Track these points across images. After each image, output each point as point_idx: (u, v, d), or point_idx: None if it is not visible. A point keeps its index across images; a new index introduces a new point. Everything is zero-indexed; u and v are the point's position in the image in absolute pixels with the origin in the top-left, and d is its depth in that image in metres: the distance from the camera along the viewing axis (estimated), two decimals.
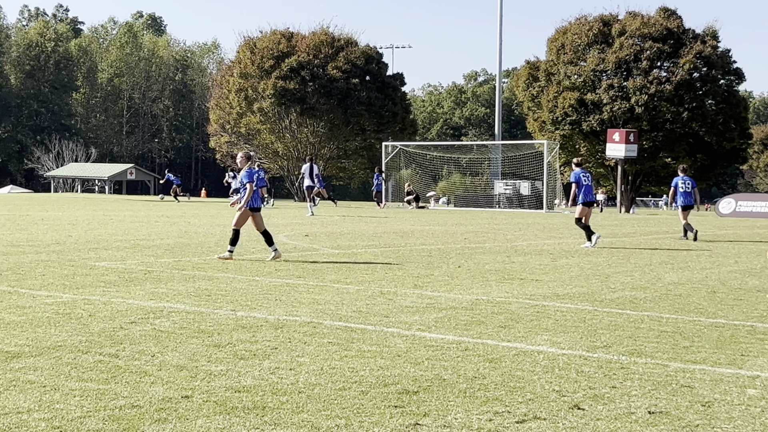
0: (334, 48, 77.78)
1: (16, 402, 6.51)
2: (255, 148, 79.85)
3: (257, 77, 76.88)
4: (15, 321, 9.79)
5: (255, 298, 12.04)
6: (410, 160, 63.46)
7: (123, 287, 12.82)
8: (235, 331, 9.53)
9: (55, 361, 7.83)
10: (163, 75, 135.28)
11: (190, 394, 6.85)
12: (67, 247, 19.06)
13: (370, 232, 26.67)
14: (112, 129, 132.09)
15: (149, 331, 9.36)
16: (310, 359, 8.17)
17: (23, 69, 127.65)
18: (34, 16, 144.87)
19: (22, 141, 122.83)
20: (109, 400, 6.62)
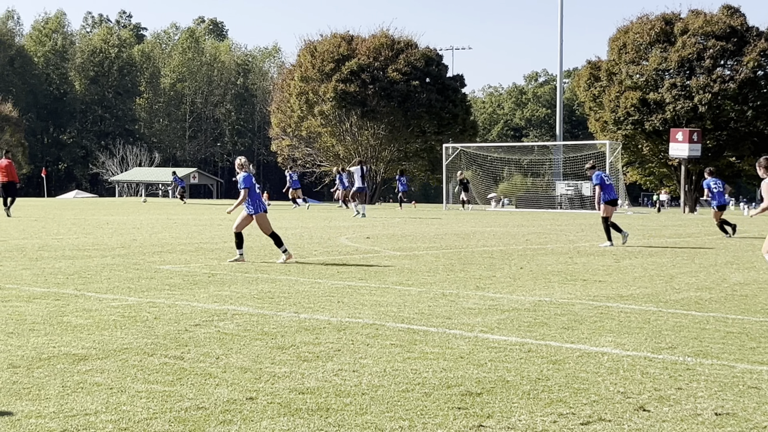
0: (394, 50, 77.82)
1: (84, 404, 6.59)
2: (316, 151, 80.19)
3: (318, 80, 77.16)
4: (82, 324, 9.92)
5: (318, 300, 12.08)
6: (471, 161, 63.34)
7: (187, 290, 12.93)
8: (298, 333, 9.57)
9: (122, 364, 7.92)
10: (224, 79, 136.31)
11: (255, 395, 6.89)
12: (132, 251, 19.27)
13: (432, 234, 26.65)
14: (175, 133, 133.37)
15: (214, 334, 9.43)
16: (372, 361, 8.18)
17: (87, 75, 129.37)
18: (98, 22, 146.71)
19: (87, 146, 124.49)
20: (175, 401, 6.69)
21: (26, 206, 43.67)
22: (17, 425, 6.05)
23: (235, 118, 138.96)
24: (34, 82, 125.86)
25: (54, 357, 8.14)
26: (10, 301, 11.50)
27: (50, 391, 6.92)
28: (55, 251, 18.82)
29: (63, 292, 12.51)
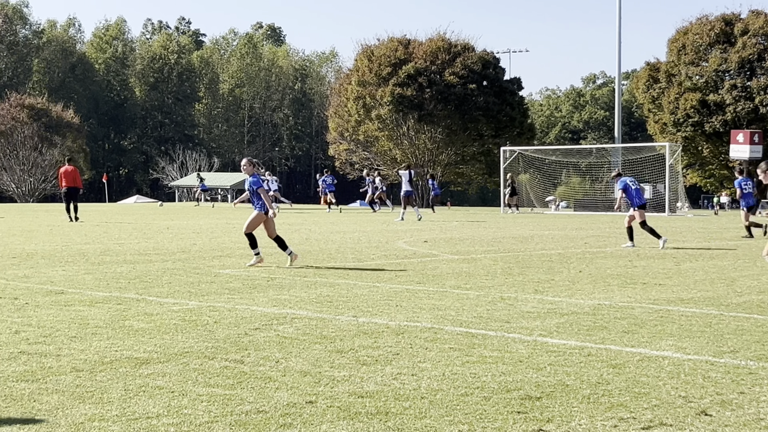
0: (451, 54, 77.75)
1: (146, 407, 6.67)
2: (373, 155, 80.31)
3: (375, 85, 77.30)
4: (143, 328, 10.03)
5: (376, 304, 12.10)
6: (529, 164, 63.08)
7: (247, 294, 13.02)
8: (357, 337, 9.59)
9: (183, 367, 7.99)
10: (282, 84, 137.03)
11: (314, 399, 6.93)
12: (192, 255, 19.44)
13: (489, 238, 26.58)
14: (234, 138, 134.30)
15: (273, 337, 9.49)
16: (431, 365, 8.18)
17: (147, 81, 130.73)
18: (158, 29, 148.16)
19: (147, 152, 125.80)
20: (236, 405, 6.74)
21: (88, 211, 44.21)
22: (81, 428, 6.13)
23: (292, 122, 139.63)
24: (95, 88, 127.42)
25: (116, 361, 8.24)
26: (73, 306, 11.65)
27: (113, 395, 7.00)
28: (117, 256, 19.04)
29: (125, 296, 12.65)
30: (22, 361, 8.16)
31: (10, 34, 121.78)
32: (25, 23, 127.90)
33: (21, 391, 7.10)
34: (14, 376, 7.56)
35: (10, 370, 7.81)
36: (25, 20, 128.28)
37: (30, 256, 18.87)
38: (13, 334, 9.52)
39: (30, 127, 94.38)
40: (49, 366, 7.98)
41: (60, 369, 7.87)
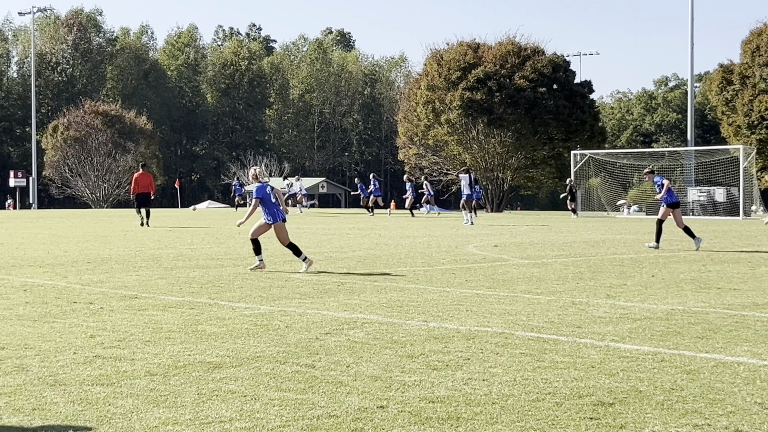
0: (520, 57, 77.44)
1: (219, 411, 6.73)
2: (443, 159, 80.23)
3: (444, 89, 77.24)
4: (216, 332, 10.11)
5: (446, 308, 12.09)
6: (600, 168, 62.58)
7: (317, 299, 13.07)
8: (427, 341, 9.59)
9: (255, 372, 8.05)
10: (352, 90, 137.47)
11: (386, 404, 6.93)
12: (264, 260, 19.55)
13: (560, 242, 26.41)
14: (304, 144, 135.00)
15: (344, 342, 9.52)
16: (502, 370, 8.15)
17: (219, 87, 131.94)
18: (229, 36, 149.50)
19: (219, 157, 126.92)
20: (307, 409, 6.77)
21: (161, 217, 44.73)
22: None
23: (362, 127, 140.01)
24: (168, 95, 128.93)
25: (189, 365, 8.32)
26: (147, 310, 11.80)
27: (186, 399, 7.07)
28: (190, 261, 19.24)
29: (197, 301, 12.78)
30: (97, 365, 8.28)
31: (84, 42, 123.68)
32: (99, 31, 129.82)
33: (96, 394, 7.20)
34: (90, 380, 7.67)
35: (86, 373, 7.93)
36: (99, 28, 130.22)
37: (104, 261, 19.14)
38: (88, 339, 9.66)
39: (104, 134, 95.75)
40: (123, 370, 8.09)
41: (134, 373, 7.97)
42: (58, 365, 8.26)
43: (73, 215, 42.96)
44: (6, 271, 16.89)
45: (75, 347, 9.15)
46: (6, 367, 8.18)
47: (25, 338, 9.66)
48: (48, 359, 8.53)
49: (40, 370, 8.07)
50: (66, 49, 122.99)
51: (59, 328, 10.31)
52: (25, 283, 14.93)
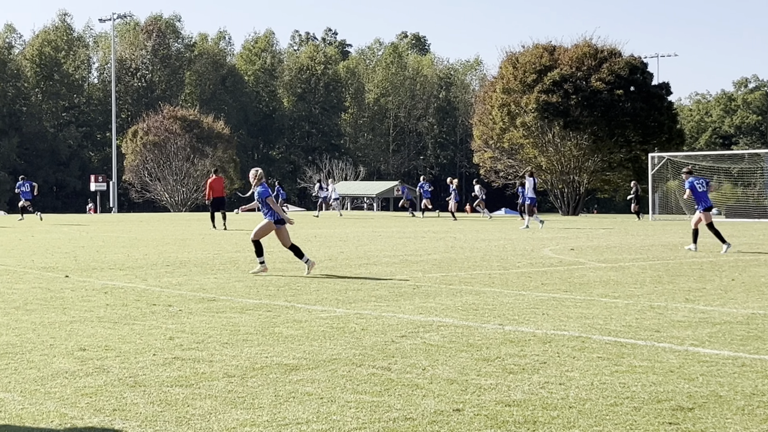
0: (597, 60, 76.77)
1: (296, 413, 6.77)
2: (518, 162, 79.85)
3: (520, 92, 76.88)
4: (292, 335, 10.18)
5: (522, 312, 12.04)
6: (678, 171, 61.74)
7: (393, 302, 13.10)
8: (503, 345, 9.56)
9: (331, 374, 8.09)
10: (427, 93, 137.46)
11: (462, 407, 6.93)
12: (339, 263, 19.65)
13: (638, 245, 26.14)
14: (379, 147, 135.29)
15: (419, 345, 9.52)
16: (579, 374, 8.10)
17: (295, 92, 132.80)
18: (305, 40, 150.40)
19: (295, 161, 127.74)
20: (383, 412, 6.79)
21: (238, 220, 45.12)
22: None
23: (437, 131, 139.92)
24: (245, 99, 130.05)
25: (267, 367, 8.39)
26: (225, 313, 11.92)
27: (264, 400, 7.13)
28: (267, 264, 19.37)
29: (274, 303, 12.88)
30: (176, 367, 8.38)
31: (163, 48, 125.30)
32: (177, 37, 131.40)
33: (176, 395, 7.29)
34: (169, 381, 7.78)
35: (165, 375, 8.04)
36: (178, 34, 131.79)
37: (183, 264, 19.36)
38: (167, 341, 9.79)
39: (182, 138, 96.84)
40: (202, 371, 8.18)
41: (212, 374, 8.06)
42: (138, 367, 8.39)
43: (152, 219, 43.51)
44: (87, 273, 17.18)
45: (154, 349, 9.28)
46: (87, 368, 8.32)
47: (105, 340, 9.82)
48: (128, 361, 8.67)
49: (120, 371, 8.19)
50: (145, 55, 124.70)
51: (139, 330, 10.46)
52: (106, 285, 15.17)
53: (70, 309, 12.19)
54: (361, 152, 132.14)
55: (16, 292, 14.12)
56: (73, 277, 16.37)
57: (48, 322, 11.01)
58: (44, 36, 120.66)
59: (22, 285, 15.11)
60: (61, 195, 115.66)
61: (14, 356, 8.87)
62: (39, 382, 7.77)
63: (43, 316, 11.56)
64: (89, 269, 18.02)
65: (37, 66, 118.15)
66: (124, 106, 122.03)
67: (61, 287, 14.77)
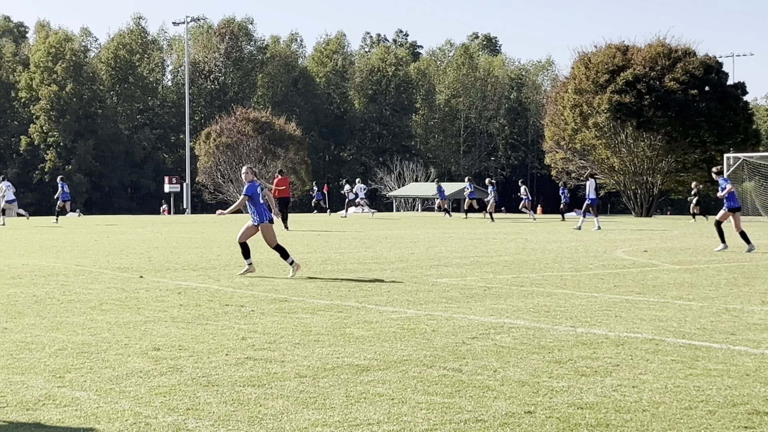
0: (671, 59, 75.89)
1: (367, 413, 6.79)
2: (590, 163, 79.26)
3: (592, 92, 76.25)
4: (363, 335, 10.21)
5: (594, 314, 11.95)
6: (754, 171, 60.89)
7: (464, 303, 13.07)
8: (575, 347, 9.49)
9: (402, 375, 8.10)
10: (498, 94, 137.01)
11: (533, 409, 6.89)
12: (410, 264, 19.65)
13: (713, 247, 25.79)
14: (450, 148, 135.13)
15: (490, 347, 9.49)
16: (653, 377, 8.01)
17: (366, 93, 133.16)
18: (376, 42, 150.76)
19: (366, 162, 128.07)
20: (454, 413, 6.78)
21: (308, 221, 45.34)
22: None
23: (508, 132, 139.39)
24: (316, 101, 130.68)
25: (338, 367, 8.42)
26: (296, 313, 11.98)
27: (335, 401, 7.16)
28: (337, 264, 19.46)
29: (345, 304, 12.92)
30: (249, 367, 8.45)
31: (236, 51, 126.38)
32: (250, 40, 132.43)
33: (248, 395, 7.35)
34: (241, 381, 7.84)
35: (238, 375, 8.10)
36: (250, 37, 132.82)
37: (255, 264, 19.50)
38: (240, 341, 9.86)
39: (255, 140, 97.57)
40: (274, 372, 8.23)
41: (284, 375, 8.11)
42: (210, 366, 8.47)
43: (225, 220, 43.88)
44: (161, 274, 17.38)
45: (227, 349, 9.36)
46: (161, 367, 8.42)
47: (179, 340, 9.92)
48: (201, 360, 8.75)
49: (193, 370, 8.28)
50: (218, 58, 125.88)
51: (212, 330, 10.56)
52: (179, 286, 15.33)
53: (144, 309, 12.35)
54: (431, 153, 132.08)
55: (92, 292, 14.33)
56: (148, 278, 16.58)
57: (123, 322, 11.16)
58: (119, 39, 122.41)
59: (97, 285, 15.33)
60: (135, 196, 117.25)
61: (90, 355, 9.00)
62: (114, 381, 7.88)
63: (118, 316, 11.72)
64: (163, 270, 18.23)
65: (112, 69, 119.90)
66: (198, 108, 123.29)
67: (136, 288, 14.97)
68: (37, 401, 7.15)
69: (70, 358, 8.84)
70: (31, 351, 9.23)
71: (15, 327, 10.76)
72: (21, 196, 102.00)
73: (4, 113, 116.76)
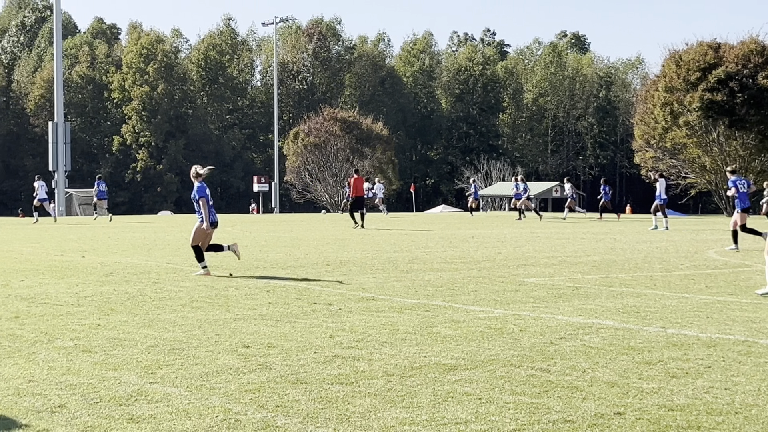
0: (764, 57, 74.48)
1: (454, 413, 6.79)
2: (681, 162, 78.19)
3: (683, 90, 75.19)
4: (451, 335, 10.20)
5: (685, 315, 11.79)
6: None
7: (552, 303, 12.99)
8: (665, 348, 9.38)
9: (489, 374, 8.08)
10: (587, 93, 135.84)
11: (623, 411, 6.83)
12: (497, 264, 19.59)
13: None
14: (537, 148, 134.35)
15: (579, 347, 9.43)
16: (746, 379, 7.88)
17: (453, 93, 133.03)
18: (463, 41, 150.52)
19: (453, 162, 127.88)
20: (543, 414, 6.74)
21: (395, 221, 45.42)
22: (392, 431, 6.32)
23: (597, 131, 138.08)
24: (403, 101, 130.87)
25: (425, 366, 8.43)
26: (384, 312, 12.02)
27: (422, 400, 7.17)
28: (424, 264, 19.47)
29: (432, 303, 12.93)
30: (337, 365, 8.50)
31: (324, 51, 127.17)
32: (338, 40, 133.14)
33: (336, 393, 7.39)
34: (329, 379, 7.89)
35: (326, 372, 8.16)
36: (338, 37, 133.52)
37: (343, 263, 19.61)
38: (328, 339, 9.93)
39: (342, 140, 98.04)
40: (361, 370, 8.27)
41: (372, 373, 8.14)
42: (299, 364, 8.54)
43: (312, 219, 44.26)
44: (250, 272, 17.56)
45: (315, 347, 9.43)
46: (251, 364, 8.51)
47: (268, 337, 10.02)
48: (290, 358, 8.83)
49: (282, 368, 8.35)
50: (306, 58, 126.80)
51: (300, 328, 10.64)
52: (268, 284, 15.48)
53: (233, 307, 12.49)
54: (518, 152, 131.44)
55: (183, 290, 14.54)
56: (237, 276, 16.76)
57: (213, 320, 11.31)
58: (209, 40, 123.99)
59: (188, 283, 15.55)
60: (225, 195, 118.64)
61: (181, 352, 9.14)
62: (204, 377, 7.99)
63: (208, 313, 11.88)
64: (252, 268, 18.42)
65: (202, 70, 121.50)
66: (286, 108, 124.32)
67: (226, 285, 15.15)
68: (129, 397, 7.28)
69: (162, 355, 8.98)
70: (123, 347, 9.40)
71: (108, 324, 10.96)
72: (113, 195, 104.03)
73: (97, 114, 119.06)
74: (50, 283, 15.30)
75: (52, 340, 9.79)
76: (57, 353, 9.06)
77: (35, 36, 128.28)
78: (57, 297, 13.46)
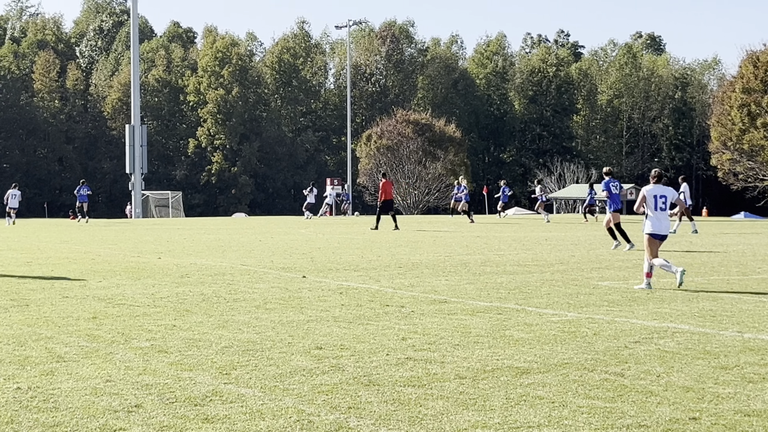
0: None
1: (527, 416, 6.77)
2: (758, 165, 77.01)
3: (761, 92, 74.10)
4: (523, 338, 10.17)
5: (762, 319, 11.61)
6: None
7: (626, 307, 12.88)
8: (742, 353, 9.26)
9: (562, 378, 8.04)
10: (662, 94, 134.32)
11: (698, 416, 6.75)
12: (570, 267, 19.46)
13: None
14: (612, 149, 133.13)
15: (654, 351, 9.34)
16: None
17: (526, 95, 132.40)
18: (537, 43, 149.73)
19: (526, 164, 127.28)
20: (616, 418, 6.69)
21: (464, 221, 45.32)
22: None
23: (672, 132, 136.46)
24: (476, 103, 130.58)
25: (497, 369, 8.42)
26: (456, 315, 12.01)
27: (494, 403, 7.16)
28: (497, 266, 19.41)
29: (505, 306, 12.89)
30: (409, 367, 8.51)
31: (397, 53, 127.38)
32: (411, 42, 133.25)
33: (408, 395, 7.41)
34: (402, 381, 7.91)
35: (398, 375, 8.18)
36: (411, 39, 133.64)
37: (415, 266, 19.62)
38: (400, 341, 9.95)
39: (415, 142, 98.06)
40: (434, 372, 8.28)
41: (444, 375, 8.14)
42: (371, 366, 8.57)
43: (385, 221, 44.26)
44: (323, 274, 17.65)
45: (387, 349, 9.45)
46: (323, 366, 8.56)
47: (341, 339, 10.07)
48: (362, 360, 8.86)
49: (355, 370, 8.39)
50: (379, 60, 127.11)
51: (372, 330, 10.68)
52: (341, 286, 15.54)
53: (307, 308, 12.57)
54: (593, 154, 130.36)
55: (257, 291, 14.66)
56: (310, 278, 16.86)
57: (286, 321, 11.39)
58: (283, 43, 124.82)
59: (262, 285, 15.68)
60: (298, 197, 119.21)
61: (255, 353, 9.22)
62: (278, 378, 8.05)
63: (282, 315, 11.97)
64: (325, 270, 18.51)
65: (276, 72, 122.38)
66: (359, 110, 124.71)
67: (299, 287, 15.25)
68: (204, 397, 7.37)
69: (236, 356, 9.07)
70: (198, 348, 9.51)
71: (183, 324, 11.10)
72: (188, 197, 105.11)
73: (173, 117, 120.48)
74: (127, 284, 15.53)
75: (128, 341, 9.93)
76: (133, 353, 9.20)
77: (113, 40, 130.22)
78: (133, 298, 13.65)
